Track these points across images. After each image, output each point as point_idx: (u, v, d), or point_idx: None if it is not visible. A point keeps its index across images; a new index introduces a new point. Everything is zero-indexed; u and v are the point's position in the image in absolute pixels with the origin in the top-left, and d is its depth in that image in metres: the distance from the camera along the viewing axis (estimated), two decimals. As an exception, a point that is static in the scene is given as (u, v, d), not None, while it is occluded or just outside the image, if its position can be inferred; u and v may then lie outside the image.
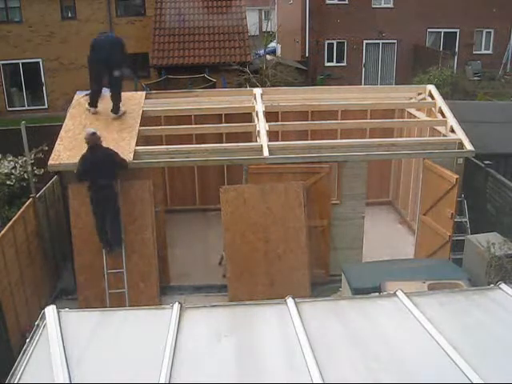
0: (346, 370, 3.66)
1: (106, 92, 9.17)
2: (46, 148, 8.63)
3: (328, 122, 9.68)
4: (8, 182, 8.52)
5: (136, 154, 8.33)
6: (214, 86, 18.46)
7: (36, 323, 4.15)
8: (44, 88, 23.60)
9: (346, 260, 8.53)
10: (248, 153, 8.55)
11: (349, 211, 8.87)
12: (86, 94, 9.48)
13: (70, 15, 23.29)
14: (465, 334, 4.03)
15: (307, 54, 24.97)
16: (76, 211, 8.20)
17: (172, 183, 11.21)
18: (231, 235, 8.38)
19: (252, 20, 31.39)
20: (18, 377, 3.62)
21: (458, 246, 8.74)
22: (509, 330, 4.11)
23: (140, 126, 8.97)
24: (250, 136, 9.62)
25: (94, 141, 7.89)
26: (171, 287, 8.66)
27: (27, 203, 8.25)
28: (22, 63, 23.19)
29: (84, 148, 8.37)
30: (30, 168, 8.65)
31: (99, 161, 7.87)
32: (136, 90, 13.17)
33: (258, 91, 10.05)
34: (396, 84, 22.95)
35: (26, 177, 8.67)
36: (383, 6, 24.75)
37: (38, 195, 8.65)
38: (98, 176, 7.86)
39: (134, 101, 9.68)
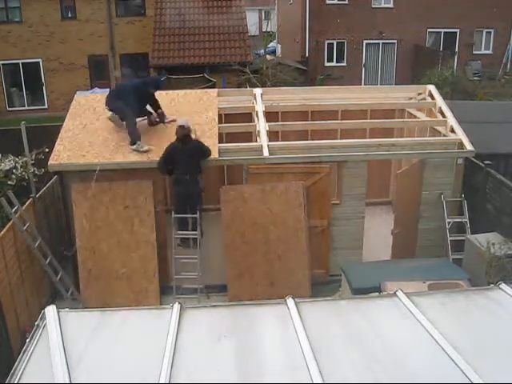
0: (346, 370, 3.66)
1: (98, 91, 9.15)
2: (47, 150, 8.64)
3: (328, 122, 9.67)
4: (9, 182, 8.51)
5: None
6: (214, 86, 18.45)
7: (36, 323, 4.14)
8: (44, 88, 23.61)
9: (345, 260, 8.53)
10: (248, 153, 8.55)
11: (349, 211, 8.86)
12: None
13: (70, 15, 23.30)
14: (465, 334, 4.03)
15: (307, 54, 24.96)
16: (80, 215, 8.21)
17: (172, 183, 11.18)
18: (231, 235, 8.38)
19: (252, 20, 31.42)
20: (18, 377, 3.61)
21: (458, 245, 8.75)
22: (509, 330, 4.11)
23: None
24: (249, 136, 9.61)
25: (183, 134, 8.07)
26: (171, 287, 8.65)
27: (27, 203, 8.25)
28: (22, 63, 23.20)
29: (84, 148, 8.39)
30: (30, 168, 8.65)
31: (188, 154, 8.01)
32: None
33: (258, 91, 10.05)
34: (396, 84, 22.95)
35: (26, 177, 8.67)
36: (383, 5, 24.73)
37: (37, 195, 8.65)
38: (185, 170, 8.03)
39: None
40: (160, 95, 9.72)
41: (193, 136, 8.31)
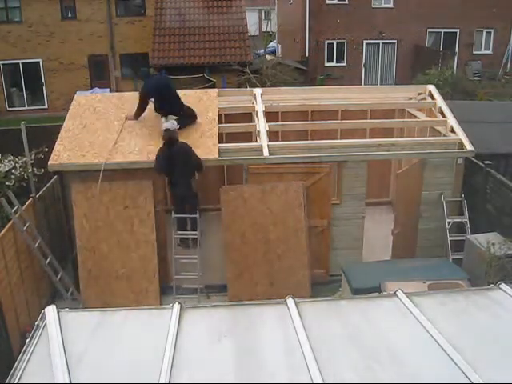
0: (345, 370, 3.66)
1: (98, 91, 9.17)
2: (47, 149, 8.64)
3: (328, 122, 9.67)
4: (7, 183, 8.52)
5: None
6: (213, 86, 18.46)
7: (36, 323, 4.14)
8: (44, 88, 23.62)
9: (345, 260, 8.53)
10: (248, 153, 8.55)
11: (349, 211, 8.86)
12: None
13: (70, 15, 23.31)
14: (465, 334, 4.03)
15: (307, 54, 24.97)
16: (80, 215, 8.21)
17: (172, 183, 11.18)
18: (231, 235, 8.38)
19: (252, 20, 31.41)
20: (18, 377, 3.61)
21: (458, 245, 8.75)
22: (509, 330, 4.11)
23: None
24: (249, 136, 9.61)
25: (167, 136, 8.09)
26: (171, 287, 8.66)
27: (27, 203, 8.25)
28: (22, 63, 23.21)
29: (84, 148, 8.40)
30: (30, 168, 8.65)
31: (174, 157, 8.03)
32: (136, 90, 13.16)
33: (258, 91, 10.05)
34: (396, 84, 22.95)
35: (26, 177, 8.68)
36: (383, 5, 24.75)
37: (37, 195, 8.65)
38: (173, 173, 8.10)
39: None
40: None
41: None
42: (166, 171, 8.23)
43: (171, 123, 8.37)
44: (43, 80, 23.54)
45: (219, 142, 8.63)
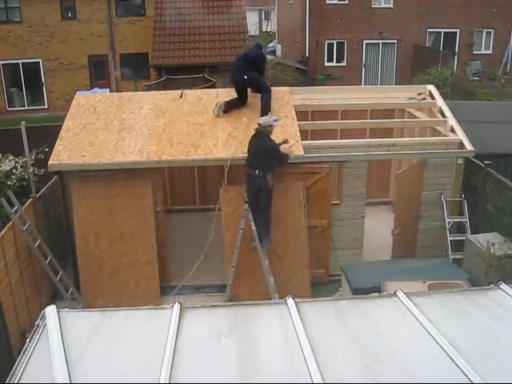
0: (346, 370, 3.66)
1: (98, 91, 9.18)
2: (47, 150, 8.64)
3: (328, 122, 9.67)
4: (9, 182, 8.52)
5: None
6: (213, 86, 18.45)
7: (36, 323, 4.14)
8: (44, 88, 23.63)
9: (345, 260, 8.54)
10: (248, 153, 8.54)
11: (349, 211, 8.87)
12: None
13: (70, 15, 23.35)
14: (465, 334, 4.03)
15: (307, 54, 24.97)
16: (80, 216, 8.20)
17: (172, 183, 11.21)
18: (231, 235, 8.37)
19: (252, 20, 31.46)
20: (18, 377, 3.61)
21: (458, 246, 8.75)
22: (509, 329, 4.11)
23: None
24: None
25: (258, 129, 8.05)
26: (171, 287, 8.66)
27: (27, 203, 8.25)
28: (22, 63, 23.25)
29: (84, 148, 8.40)
30: (30, 168, 8.65)
31: (254, 149, 8.01)
32: (136, 91, 13.17)
33: (258, 91, 10.03)
34: (396, 84, 22.95)
35: (26, 177, 8.67)
36: (383, 5, 24.76)
37: (37, 195, 8.65)
38: (250, 164, 8.01)
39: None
40: (163, 94, 9.74)
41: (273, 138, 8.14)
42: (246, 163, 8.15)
43: (264, 119, 8.22)
44: (43, 80, 23.56)
45: (219, 142, 8.62)
